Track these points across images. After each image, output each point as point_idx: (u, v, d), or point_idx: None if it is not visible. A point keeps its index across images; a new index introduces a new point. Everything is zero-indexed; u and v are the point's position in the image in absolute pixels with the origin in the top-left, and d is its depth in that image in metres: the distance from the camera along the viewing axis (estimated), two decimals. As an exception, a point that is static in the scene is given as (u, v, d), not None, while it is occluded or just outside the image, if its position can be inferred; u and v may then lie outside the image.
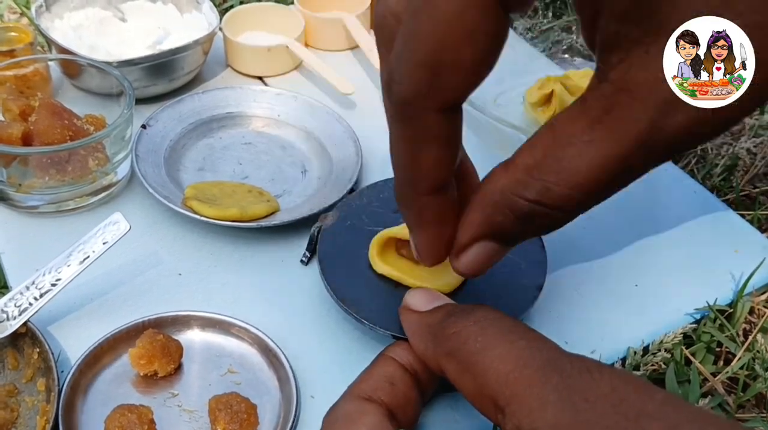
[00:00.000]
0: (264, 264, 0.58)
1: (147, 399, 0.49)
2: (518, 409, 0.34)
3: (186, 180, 0.63)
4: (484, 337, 0.37)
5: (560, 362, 0.35)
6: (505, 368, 0.35)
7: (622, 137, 0.32)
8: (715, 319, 0.56)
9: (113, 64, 0.66)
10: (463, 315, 0.39)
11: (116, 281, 0.56)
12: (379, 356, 0.45)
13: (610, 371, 0.34)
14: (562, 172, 0.33)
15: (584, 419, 0.32)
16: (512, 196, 0.35)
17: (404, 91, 0.34)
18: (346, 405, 0.41)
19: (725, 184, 0.69)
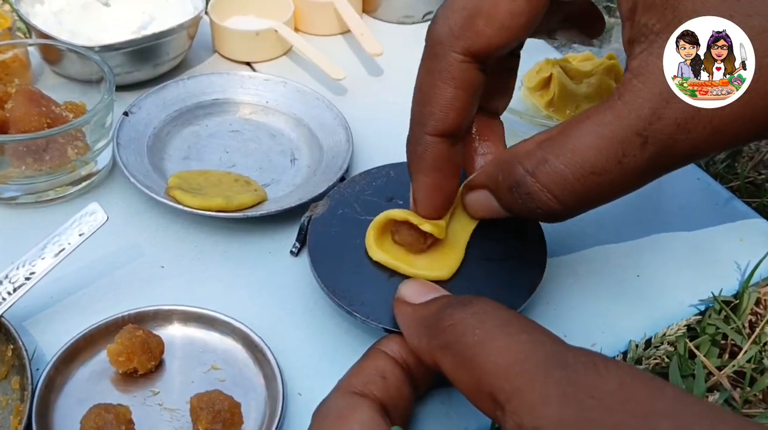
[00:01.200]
0: (250, 256, 0.56)
1: (126, 398, 0.47)
2: (519, 405, 0.32)
3: (170, 169, 0.61)
4: (482, 329, 0.35)
5: (564, 356, 0.33)
6: (504, 362, 0.33)
7: (625, 120, 0.34)
8: (720, 310, 0.54)
9: (94, 49, 0.63)
10: (459, 307, 0.37)
11: (95, 274, 0.53)
12: (370, 350, 0.43)
13: (617, 365, 0.32)
14: (564, 147, 0.36)
15: (590, 417, 0.30)
16: (515, 161, 0.39)
17: (438, 29, 0.39)
18: (337, 400, 0.40)
19: (729, 170, 0.67)
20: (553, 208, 0.39)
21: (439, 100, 0.41)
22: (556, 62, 0.66)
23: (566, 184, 0.37)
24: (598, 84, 0.65)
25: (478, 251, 0.49)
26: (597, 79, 0.65)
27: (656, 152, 0.35)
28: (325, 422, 0.38)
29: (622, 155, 0.36)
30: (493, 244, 0.50)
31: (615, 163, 0.36)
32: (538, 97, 0.66)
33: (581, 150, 0.36)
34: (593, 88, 0.64)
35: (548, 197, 0.38)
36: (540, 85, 0.66)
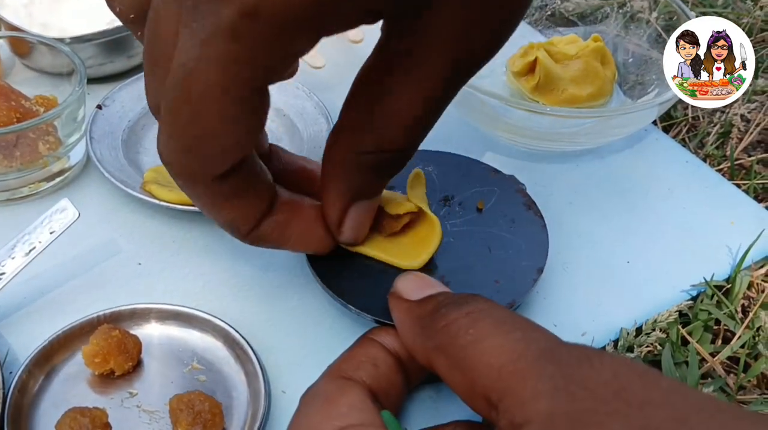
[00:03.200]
0: (231, 251, 0.54)
1: (104, 400, 0.45)
2: (511, 403, 0.31)
3: (147, 163, 0.59)
4: (476, 329, 0.34)
5: (557, 352, 0.32)
6: (497, 362, 0.32)
7: (436, 67, 0.34)
8: (712, 295, 0.53)
9: (65, 40, 0.62)
10: (454, 307, 0.36)
11: (70, 274, 0.52)
12: (362, 338, 0.42)
13: (612, 358, 0.31)
14: (392, 117, 0.35)
15: (582, 408, 0.29)
16: (356, 155, 0.37)
17: (175, 172, 0.35)
18: (326, 384, 0.38)
19: (718, 152, 0.66)
20: (410, 154, 0.39)
21: (235, 214, 0.39)
22: (541, 46, 0.65)
23: (409, 137, 0.37)
24: (584, 67, 0.63)
25: (479, 242, 0.48)
26: (583, 62, 0.63)
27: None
28: (313, 406, 0.37)
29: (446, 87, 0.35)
30: (495, 234, 0.48)
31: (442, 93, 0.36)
32: (524, 82, 0.65)
33: (406, 109, 0.35)
34: (579, 71, 0.63)
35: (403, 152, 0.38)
36: (525, 70, 0.65)
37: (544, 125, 0.58)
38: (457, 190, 0.51)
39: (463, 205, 0.50)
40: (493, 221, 0.49)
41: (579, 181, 0.61)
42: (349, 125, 0.37)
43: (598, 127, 0.59)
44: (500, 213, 0.50)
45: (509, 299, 0.45)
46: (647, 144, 0.64)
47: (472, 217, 0.50)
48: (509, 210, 0.50)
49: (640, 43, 0.69)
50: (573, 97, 0.63)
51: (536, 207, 0.50)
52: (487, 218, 0.49)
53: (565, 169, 0.62)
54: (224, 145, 0.33)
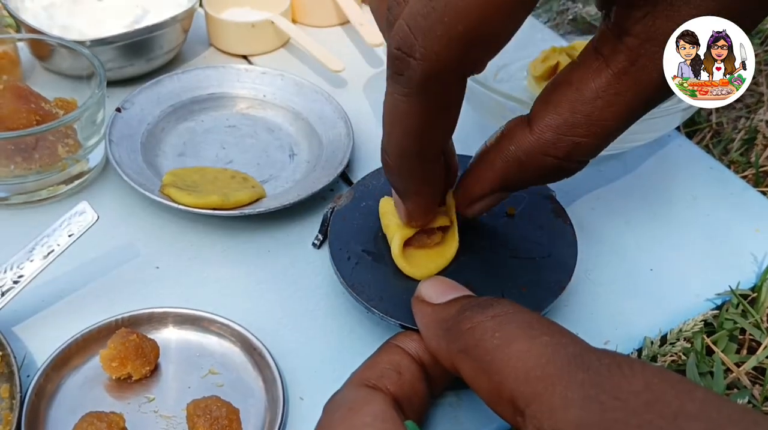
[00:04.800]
0: (248, 256, 0.54)
1: (120, 405, 0.45)
2: (539, 409, 0.30)
3: (165, 166, 0.59)
4: (502, 332, 0.34)
5: (587, 358, 0.31)
6: (525, 366, 0.32)
7: (648, 84, 0.34)
8: (738, 304, 0.52)
9: (85, 43, 0.61)
10: (479, 309, 0.35)
11: (88, 276, 0.51)
12: (386, 344, 0.42)
13: (644, 366, 0.30)
14: (592, 126, 0.35)
15: (613, 418, 0.28)
16: (541, 156, 0.37)
17: (431, 66, 0.31)
18: (349, 393, 0.38)
19: (743, 159, 0.64)
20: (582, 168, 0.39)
21: (441, 131, 0.37)
22: (563, 50, 0.64)
23: (599, 150, 0.37)
24: (606, 72, 0.62)
25: (506, 249, 0.48)
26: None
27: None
28: (336, 414, 0.37)
29: (649, 105, 0.35)
30: (522, 241, 0.48)
31: (643, 111, 0.36)
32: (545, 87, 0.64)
33: (613, 122, 0.35)
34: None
35: (581, 165, 0.38)
36: (546, 74, 0.64)
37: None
38: None
39: (493, 211, 0.50)
40: (521, 227, 0.49)
41: (602, 187, 0.60)
42: (547, 124, 0.36)
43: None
44: (528, 219, 0.49)
45: (535, 307, 0.44)
46: (671, 150, 0.63)
47: (500, 222, 0.49)
48: (538, 217, 0.49)
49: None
50: (595, 102, 0.62)
51: (566, 215, 0.50)
52: (515, 224, 0.49)
53: (588, 175, 0.60)
54: (495, 39, 0.31)
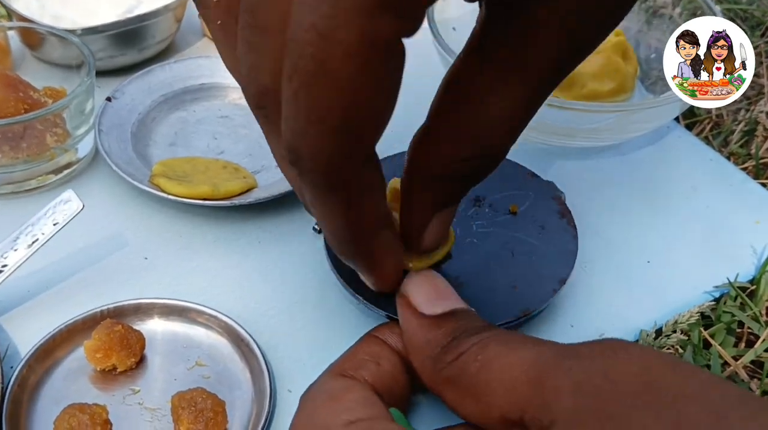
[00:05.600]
0: (238, 247, 0.53)
1: (105, 397, 0.44)
2: (535, 411, 0.29)
3: (155, 156, 0.58)
4: (484, 355, 0.33)
5: (576, 349, 0.30)
6: (510, 377, 0.31)
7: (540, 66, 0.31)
8: (736, 297, 0.51)
9: (76, 32, 0.61)
10: (464, 337, 0.34)
11: (75, 267, 0.50)
12: (365, 336, 0.40)
13: (641, 349, 0.29)
14: (491, 122, 0.32)
15: (609, 401, 0.27)
16: (454, 163, 0.34)
17: (322, 164, 0.29)
18: (327, 383, 0.37)
19: (743, 151, 0.63)
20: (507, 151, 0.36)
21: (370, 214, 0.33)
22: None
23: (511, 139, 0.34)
24: (605, 62, 0.61)
25: (503, 246, 0.46)
26: (604, 57, 0.61)
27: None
28: (316, 404, 0.36)
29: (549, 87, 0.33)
30: (521, 239, 0.47)
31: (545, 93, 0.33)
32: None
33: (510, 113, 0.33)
34: (600, 66, 0.61)
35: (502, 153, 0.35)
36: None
37: (563, 120, 0.57)
38: (489, 192, 0.49)
39: (494, 207, 0.49)
40: (521, 225, 0.48)
41: (598, 179, 0.59)
42: (441, 132, 0.34)
43: (619, 122, 0.57)
44: (531, 218, 0.48)
45: (524, 307, 0.43)
46: (669, 141, 0.62)
47: (500, 219, 0.48)
48: (541, 216, 0.48)
49: (662, 38, 0.67)
50: (593, 92, 0.61)
51: (570, 216, 0.48)
52: (515, 223, 0.48)
53: (584, 167, 0.60)
54: (376, 113, 0.28)
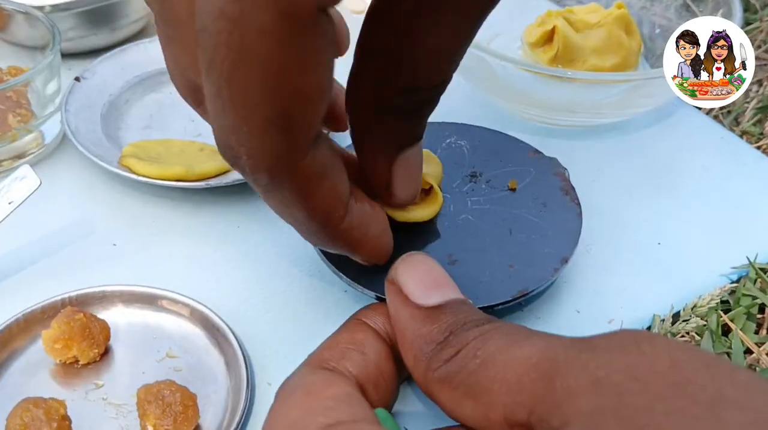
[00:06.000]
0: (216, 232, 0.49)
1: (66, 391, 0.40)
2: (544, 410, 0.25)
3: (128, 139, 0.54)
4: (484, 350, 0.29)
5: (591, 342, 0.26)
6: (515, 374, 0.27)
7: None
8: (756, 279, 0.47)
9: (44, 9, 0.57)
10: (462, 331, 0.30)
11: (37, 254, 0.47)
12: (349, 321, 0.36)
13: (669, 342, 0.24)
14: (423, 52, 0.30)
15: (634, 404, 0.23)
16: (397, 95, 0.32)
17: (263, 162, 0.27)
18: (306, 376, 0.32)
19: (756, 129, 0.60)
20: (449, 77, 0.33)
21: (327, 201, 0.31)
22: (560, 14, 0.60)
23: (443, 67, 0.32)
24: (607, 36, 0.58)
25: (501, 223, 0.43)
26: (606, 31, 0.58)
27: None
28: (291, 398, 0.31)
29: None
30: (521, 216, 0.43)
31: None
32: (541, 53, 0.59)
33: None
34: (602, 40, 0.58)
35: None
36: (542, 40, 0.59)
37: (564, 96, 0.53)
38: (487, 168, 0.46)
39: (491, 184, 0.45)
40: (521, 202, 0.44)
41: (602, 158, 0.55)
42: (374, 68, 0.32)
43: (624, 97, 0.53)
44: (531, 195, 0.44)
45: (521, 287, 0.39)
46: (677, 120, 0.59)
47: (498, 196, 0.44)
48: (542, 193, 0.44)
49: (666, 14, 0.63)
50: (595, 68, 0.57)
51: (574, 193, 0.45)
52: (515, 200, 0.44)
53: (587, 146, 0.56)
54: (310, 95, 0.26)
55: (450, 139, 0.46)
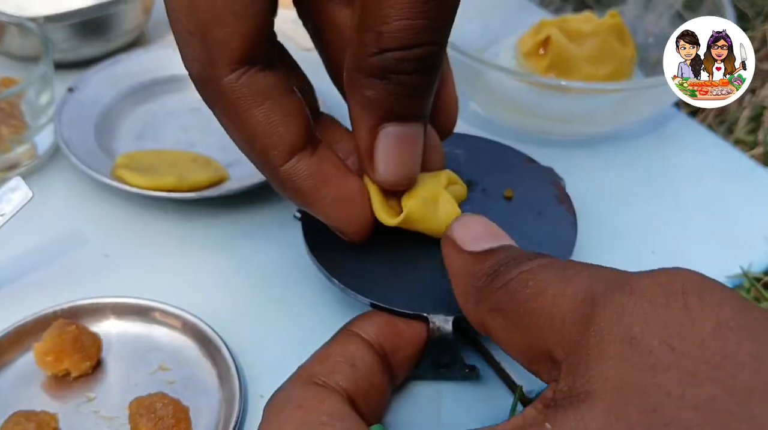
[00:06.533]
0: (208, 243, 0.49)
1: (57, 405, 0.39)
2: (574, 361, 0.24)
3: (120, 150, 0.54)
4: (536, 280, 0.28)
5: (635, 280, 0.24)
6: (560, 311, 0.26)
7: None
8: (750, 288, 0.47)
9: (38, 20, 0.57)
10: (514, 264, 0.30)
11: (29, 267, 0.46)
12: (340, 332, 0.36)
13: (719, 297, 0.22)
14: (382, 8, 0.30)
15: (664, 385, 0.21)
16: (361, 62, 0.31)
17: (195, 70, 0.33)
18: (295, 391, 0.32)
19: (750, 138, 0.60)
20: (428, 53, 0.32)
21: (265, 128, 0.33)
22: (553, 23, 0.60)
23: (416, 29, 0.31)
24: (600, 45, 0.58)
25: None
26: (599, 40, 0.58)
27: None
28: (282, 414, 0.31)
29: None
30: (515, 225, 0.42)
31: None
32: (535, 62, 0.59)
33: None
34: (595, 49, 0.58)
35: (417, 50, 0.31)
36: (536, 49, 0.59)
37: (559, 105, 0.53)
38: (482, 177, 0.46)
39: (487, 193, 0.45)
40: (516, 212, 0.44)
41: (597, 167, 0.55)
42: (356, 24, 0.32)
43: (618, 105, 0.53)
44: (526, 204, 0.44)
45: None
46: (671, 129, 0.59)
47: (493, 205, 0.44)
48: (537, 202, 0.44)
49: (660, 23, 0.64)
50: (589, 77, 0.57)
51: (569, 202, 0.44)
52: (510, 209, 0.44)
53: (582, 155, 0.56)
54: (222, 15, 0.31)
55: (446, 148, 0.46)
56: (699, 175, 0.55)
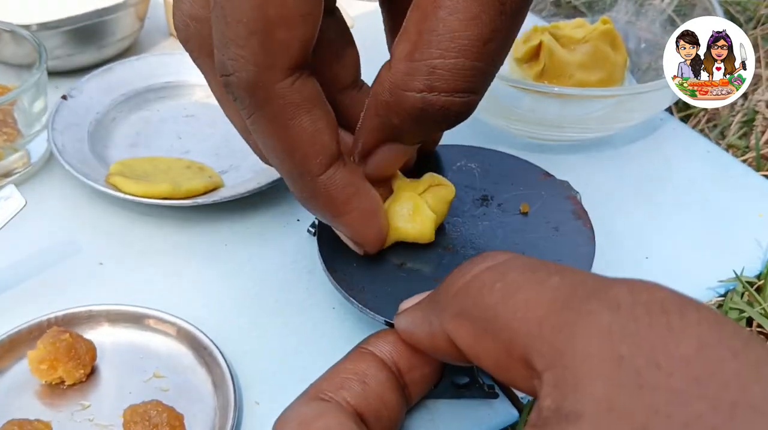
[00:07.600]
0: (203, 250, 0.49)
1: (51, 413, 0.39)
2: (561, 376, 0.23)
3: (115, 157, 0.54)
4: (504, 282, 0.27)
5: (614, 291, 0.23)
6: (536, 316, 0.25)
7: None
8: (743, 292, 0.47)
9: (31, 27, 0.57)
10: (471, 264, 0.29)
11: (23, 274, 0.46)
12: (353, 351, 0.35)
13: (698, 315, 0.22)
14: (441, 41, 0.29)
15: (653, 405, 0.21)
16: (401, 92, 0.31)
17: (246, 74, 0.31)
18: (300, 407, 0.32)
19: (742, 143, 0.60)
20: (470, 103, 0.31)
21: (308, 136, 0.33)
22: (545, 29, 0.60)
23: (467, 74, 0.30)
24: (592, 51, 0.58)
25: (513, 248, 0.42)
26: (591, 46, 0.58)
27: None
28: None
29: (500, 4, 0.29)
30: (533, 241, 0.42)
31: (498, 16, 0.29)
32: (527, 69, 0.59)
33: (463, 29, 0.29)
34: (587, 55, 0.58)
35: (461, 98, 0.31)
36: (529, 55, 0.60)
37: (551, 111, 0.53)
38: (498, 191, 0.45)
39: (503, 207, 0.44)
40: (533, 227, 0.43)
41: (590, 172, 0.55)
42: (399, 54, 0.31)
43: (610, 111, 0.53)
44: (543, 219, 0.43)
45: None
46: (664, 134, 0.59)
47: (510, 220, 0.44)
48: (554, 217, 0.43)
49: (651, 29, 0.64)
50: (581, 83, 0.57)
51: (587, 216, 0.44)
52: (527, 224, 0.43)
53: (574, 160, 0.56)
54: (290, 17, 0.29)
55: (460, 161, 0.46)
56: (691, 180, 0.55)
